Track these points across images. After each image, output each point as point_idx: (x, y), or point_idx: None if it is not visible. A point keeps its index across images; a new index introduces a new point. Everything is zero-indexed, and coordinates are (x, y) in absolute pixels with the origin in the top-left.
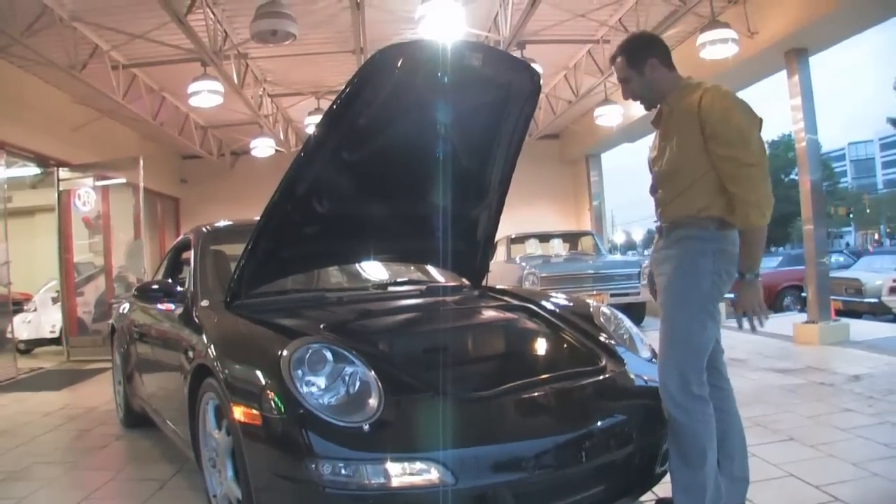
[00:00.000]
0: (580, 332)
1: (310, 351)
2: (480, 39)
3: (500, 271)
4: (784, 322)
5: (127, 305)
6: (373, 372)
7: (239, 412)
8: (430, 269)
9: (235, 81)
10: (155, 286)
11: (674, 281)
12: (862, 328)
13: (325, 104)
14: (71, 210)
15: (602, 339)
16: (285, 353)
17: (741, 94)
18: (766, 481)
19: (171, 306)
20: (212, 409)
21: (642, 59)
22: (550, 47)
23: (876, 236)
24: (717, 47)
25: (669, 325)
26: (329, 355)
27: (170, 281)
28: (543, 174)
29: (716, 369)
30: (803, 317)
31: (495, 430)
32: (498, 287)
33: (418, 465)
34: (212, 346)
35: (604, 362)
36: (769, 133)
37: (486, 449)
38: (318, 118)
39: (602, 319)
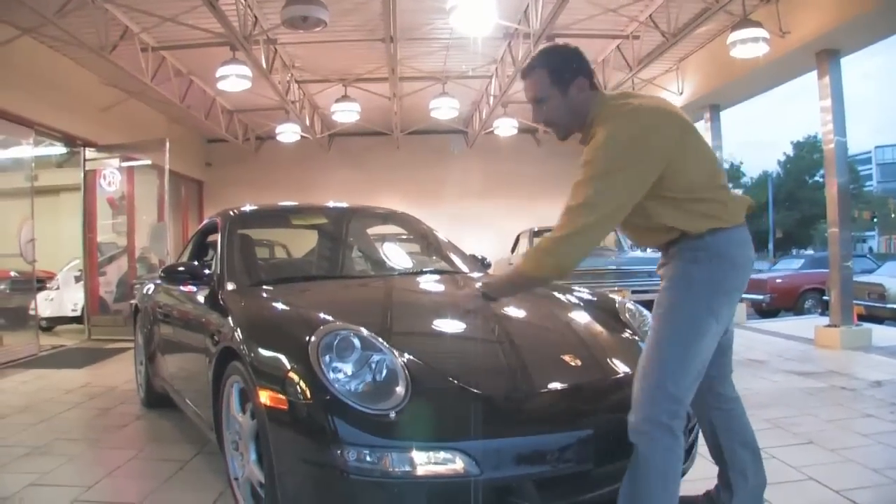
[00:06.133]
0: (606, 328)
1: (338, 337)
2: (510, 31)
3: None
4: (805, 325)
5: (151, 286)
6: (400, 360)
7: (265, 396)
8: (455, 258)
9: (264, 66)
10: (181, 268)
11: (663, 293)
12: (884, 334)
13: (353, 91)
14: (96, 190)
15: (627, 334)
16: (313, 338)
17: (769, 95)
18: (785, 484)
19: (197, 288)
20: (236, 392)
21: (570, 77)
22: (579, 41)
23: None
24: (747, 46)
25: (650, 341)
26: (357, 342)
27: (196, 263)
28: (567, 168)
29: (717, 393)
30: (824, 320)
31: (521, 422)
32: None
33: (444, 455)
34: (238, 330)
35: (630, 358)
36: (794, 134)
37: (511, 441)
38: (344, 105)
39: (627, 315)
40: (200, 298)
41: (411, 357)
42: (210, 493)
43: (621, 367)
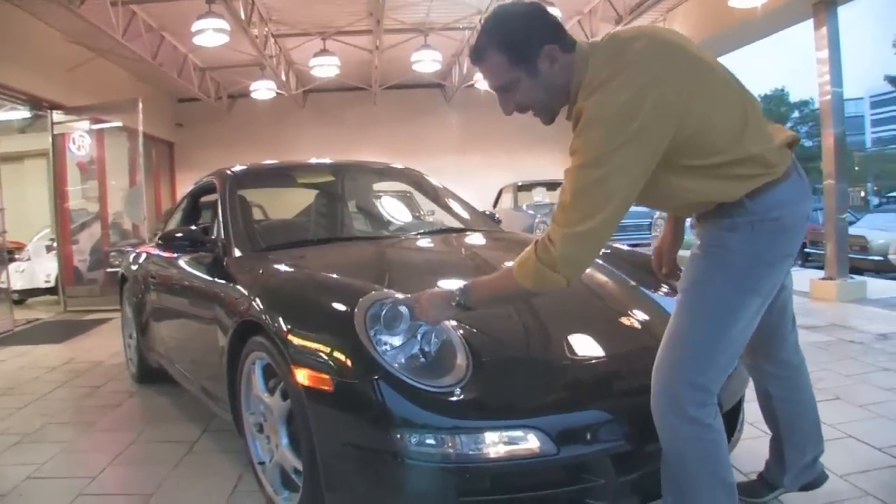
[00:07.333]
0: (645, 285)
1: (385, 307)
2: None
3: (507, 219)
4: (795, 277)
5: (143, 254)
6: (461, 329)
7: (302, 375)
8: (469, 216)
9: (242, 18)
10: (179, 234)
11: (692, 263)
12: (877, 286)
13: (332, 45)
14: (66, 155)
15: (664, 291)
16: (357, 309)
17: (761, 43)
18: (826, 442)
19: (199, 255)
20: (259, 369)
21: (534, 49)
22: None
23: (862, 194)
24: None
25: (674, 322)
26: (405, 311)
27: (194, 228)
28: None
29: (776, 358)
30: (811, 272)
31: (596, 392)
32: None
33: (516, 434)
34: (257, 300)
35: None
36: (762, 87)
37: (587, 414)
38: (323, 59)
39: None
40: (204, 266)
41: (465, 325)
42: (227, 479)
43: None
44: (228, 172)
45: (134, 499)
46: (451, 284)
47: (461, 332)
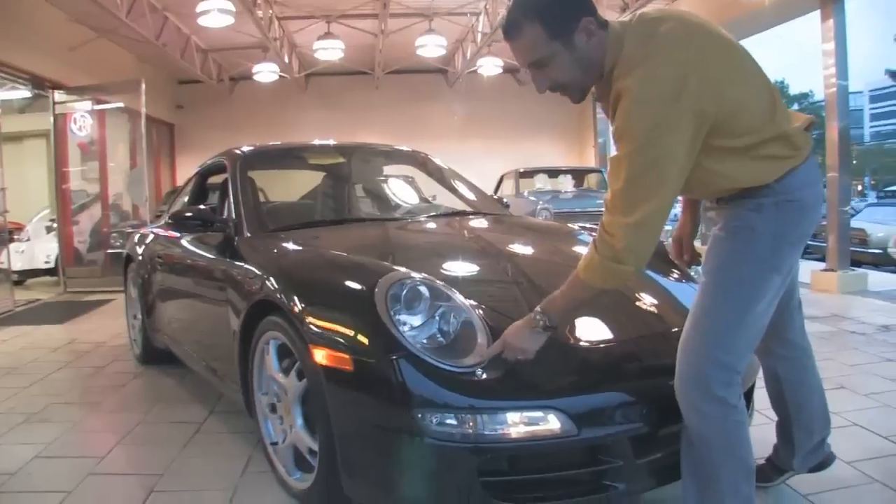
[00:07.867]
0: (655, 270)
1: (405, 287)
2: None
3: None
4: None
5: (150, 234)
6: (479, 310)
7: (321, 355)
8: (478, 199)
9: None
10: (189, 213)
11: (715, 245)
12: (878, 278)
13: (336, 28)
14: (67, 135)
15: (675, 276)
16: (378, 289)
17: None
18: (833, 429)
19: (207, 235)
20: (274, 349)
21: (571, 21)
22: None
23: (859, 187)
24: None
25: (699, 303)
26: (425, 291)
27: (202, 207)
28: (548, 110)
29: (784, 339)
30: (816, 264)
31: (617, 373)
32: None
33: (537, 414)
34: (272, 280)
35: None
36: None
37: (609, 395)
38: (327, 42)
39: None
40: (214, 247)
41: (484, 306)
42: (237, 459)
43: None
44: (238, 152)
45: (144, 479)
46: (476, 264)
47: (480, 311)
